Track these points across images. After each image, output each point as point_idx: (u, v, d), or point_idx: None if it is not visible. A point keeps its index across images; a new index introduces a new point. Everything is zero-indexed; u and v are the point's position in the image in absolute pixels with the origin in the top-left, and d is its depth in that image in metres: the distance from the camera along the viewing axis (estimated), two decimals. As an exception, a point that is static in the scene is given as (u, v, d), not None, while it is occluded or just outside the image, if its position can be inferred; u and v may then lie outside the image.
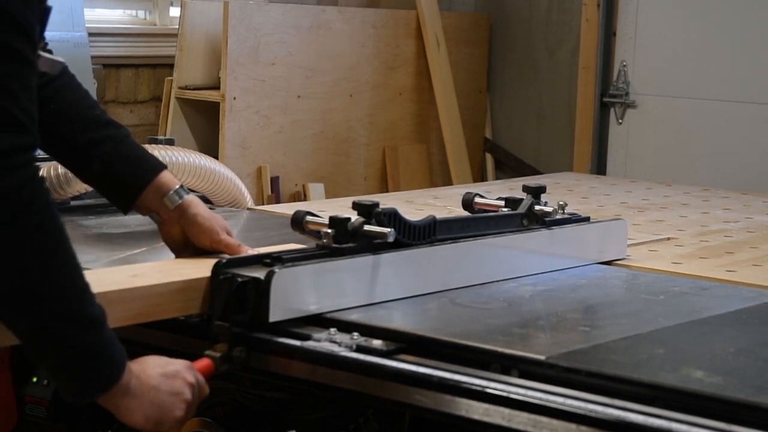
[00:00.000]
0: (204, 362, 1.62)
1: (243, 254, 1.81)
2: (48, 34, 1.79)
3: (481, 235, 1.97)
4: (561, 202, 2.14)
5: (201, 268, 1.73)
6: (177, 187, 1.87)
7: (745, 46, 4.65)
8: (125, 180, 1.87)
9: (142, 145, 1.96)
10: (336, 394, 1.63)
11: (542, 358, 1.51)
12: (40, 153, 1.98)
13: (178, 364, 1.58)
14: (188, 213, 1.86)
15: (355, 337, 1.61)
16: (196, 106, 4.54)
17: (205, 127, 4.57)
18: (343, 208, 2.25)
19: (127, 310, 1.64)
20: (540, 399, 1.44)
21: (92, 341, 1.49)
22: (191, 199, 1.88)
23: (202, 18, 4.53)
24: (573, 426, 1.41)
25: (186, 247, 1.87)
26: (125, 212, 1.92)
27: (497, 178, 5.32)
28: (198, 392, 1.59)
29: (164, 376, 1.56)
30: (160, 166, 1.90)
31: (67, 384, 1.50)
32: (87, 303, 1.49)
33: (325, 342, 1.61)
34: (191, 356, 1.66)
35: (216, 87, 4.47)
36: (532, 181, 2.79)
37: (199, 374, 1.60)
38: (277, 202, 4.49)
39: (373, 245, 1.78)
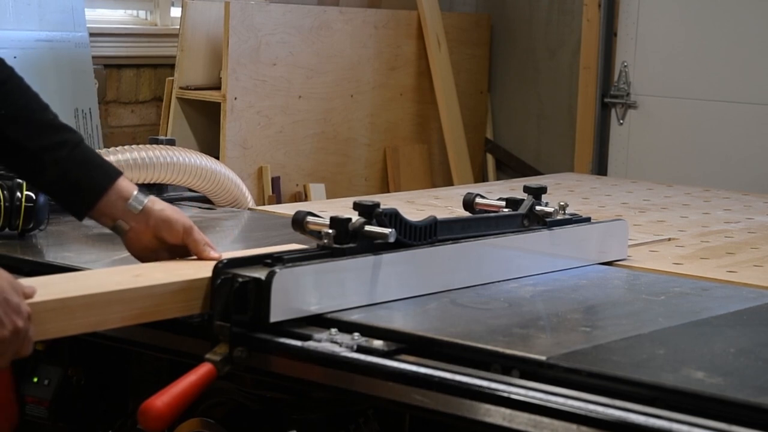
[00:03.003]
0: (205, 367, 1.62)
1: (208, 255, 1.81)
2: (49, 34, 1.77)
3: (482, 235, 1.97)
4: (562, 203, 2.14)
5: (202, 269, 1.73)
6: (136, 192, 1.84)
7: (746, 46, 4.65)
8: (82, 185, 1.83)
9: (97, 151, 1.92)
10: (336, 394, 1.63)
11: (543, 358, 1.51)
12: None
13: (22, 303, 1.49)
14: (155, 212, 1.83)
15: (356, 338, 1.61)
16: (197, 107, 4.54)
17: (206, 127, 4.57)
18: (344, 208, 2.25)
19: (129, 310, 1.64)
20: (541, 399, 1.44)
21: None
22: (153, 198, 1.85)
23: (203, 18, 4.53)
24: (574, 426, 1.41)
25: (155, 253, 1.84)
26: (80, 218, 1.86)
27: (498, 178, 5.32)
28: (14, 343, 1.49)
29: (6, 301, 1.48)
30: (117, 172, 1.86)
31: None
32: None
33: (325, 342, 1.61)
34: (192, 356, 1.66)
35: (217, 87, 4.47)
36: (533, 181, 2.79)
37: (30, 328, 1.50)
38: (278, 202, 4.49)
39: (374, 245, 1.78)
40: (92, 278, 1.72)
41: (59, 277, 1.71)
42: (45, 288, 1.58)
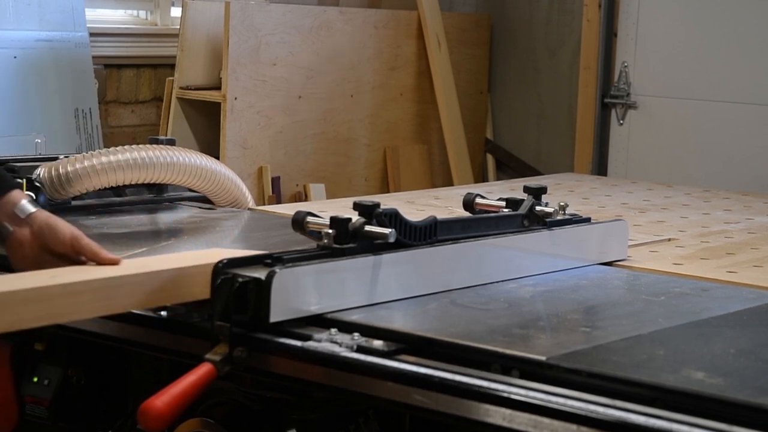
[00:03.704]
0: (205, 367, 1.62)
1: (105, 256, 1.78)
2: (49, 34, 1.78)
3: (482, 235, 1.97)
4: (562, 203, 2.14)
5: (114, 269, 1.73)
6: (26, 201, 1.84)
7: (746, 47, 4.65)
8: None
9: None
10: (336, 394, 1.63)
11: (543, 358, 1.51)
12: (40, 153, 1.98)
13: None
14: (39, 218, 1.82)
15: (356, 338, 1.61)
16: (197, 107, 4.54)
17: (206, 127, 4.57)
18: (344, 208, 2.25)
19: (45, 309, 1.62)
20: (540, 400, 1.44)
21: None
22: (42, 210, 1.84)
23: (203, 18, 4.53)
24: (573, 427, 1.41)
25: (41, 265, 1.80)
26: None
27: (498, 178, 5.33)
28: None
29: None
30: (12, 186, 1.86)
31: None
32: None
33: (325, 342, 1.61)
34: (192, 356, 1.66)
35: (217, 87, 4.47)
36: (533, 181, 2.79)
37: None
38: (278, 202, 4.49)
39: (374, 246, 1.78)
40: (6, 280, 1.68)
41: None
42: None
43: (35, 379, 2.03)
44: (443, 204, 2.88)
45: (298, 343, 1.62)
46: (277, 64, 4.54)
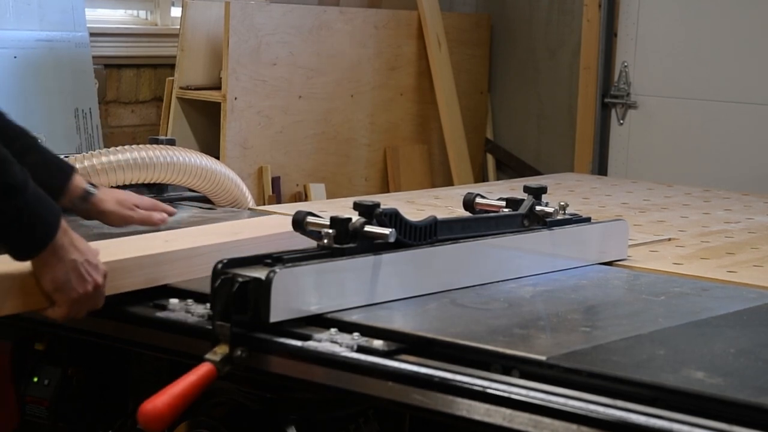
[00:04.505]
0: (205, 367, 1.62)
1: (155, 220, 2.15)
2: (49, 34, 1.82)
3: (482, 235, 1.97)
4: (562, 203, 2.14)
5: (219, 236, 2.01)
6: (83, 189, 2.07)
7: (746, 46, 4.65)
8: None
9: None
10: (336, 394, 1.63)
11: (543, 358, 1.51)
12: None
13: (100, 263, 1.72)
14: (97, 211, 2.09)
15: (356, 338, 1.61)
16: (197, 107, 4.54)
17: (206, 127, 4.57)
18: (344, 208, 2.25)
19: (170, 270, 1.86)
20: (541, 399, 1.44)
21: (16, 206, 1.58)
22: (96, 198, 2.08)
23: (203, 18, 4.53)
24: (574, 427, 1.41)
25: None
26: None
27: (498, 178, 5.32)
28: (95, 297, 1.71)
29: (88, 262, 1.69)
30: (71, 169, 2.07)
31: (5, 247, 1.63)
32: (4, 172, 1.58)
33: (325, 342, 1.61)
34: (192, 356, 1.66)
35: (217, 87, 4.47)
36: (533, 181, 2.79)
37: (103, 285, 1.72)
38: (278, 202, 4.49)
39: (374, 245, 1.78)
40: (132, 243, 1.94)
41: (104, 243, 1.89)
42: (104, 250, 1.77)
43: (35, 379, 2.03)
44: (443, 204, 2.88)
45: (298, 343, 1.62)
46: (277, 64, 4.54)
